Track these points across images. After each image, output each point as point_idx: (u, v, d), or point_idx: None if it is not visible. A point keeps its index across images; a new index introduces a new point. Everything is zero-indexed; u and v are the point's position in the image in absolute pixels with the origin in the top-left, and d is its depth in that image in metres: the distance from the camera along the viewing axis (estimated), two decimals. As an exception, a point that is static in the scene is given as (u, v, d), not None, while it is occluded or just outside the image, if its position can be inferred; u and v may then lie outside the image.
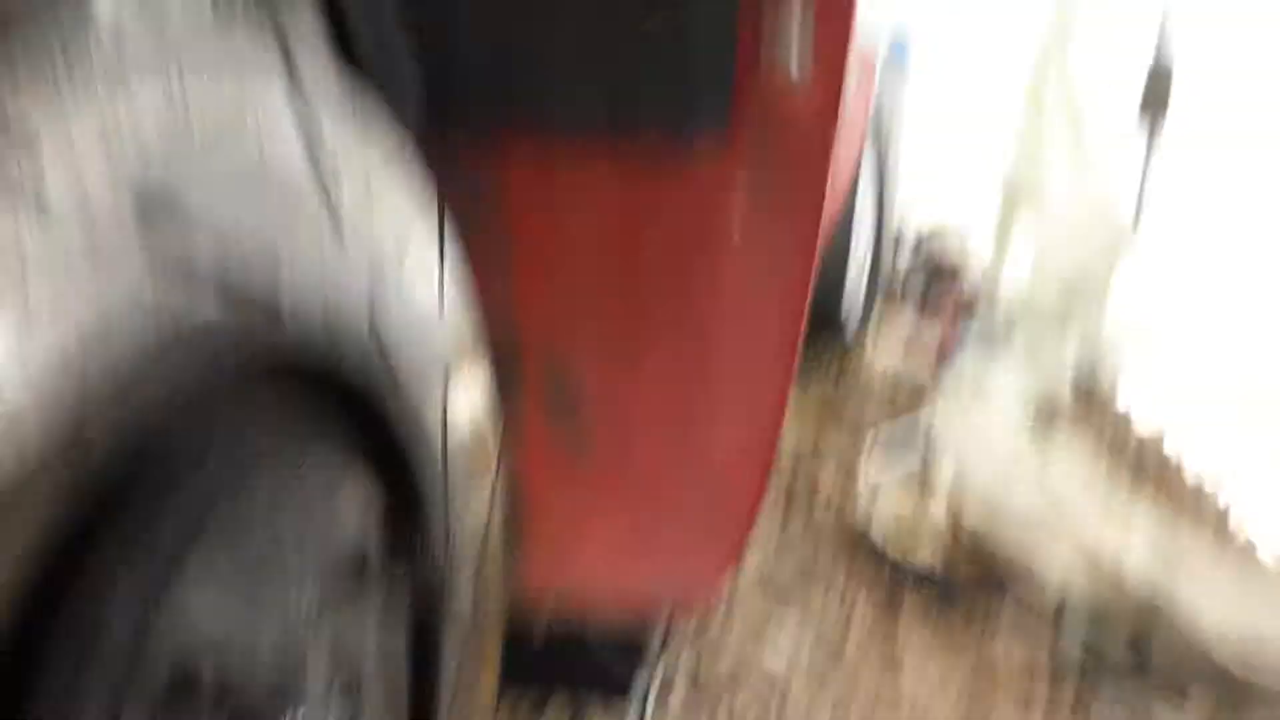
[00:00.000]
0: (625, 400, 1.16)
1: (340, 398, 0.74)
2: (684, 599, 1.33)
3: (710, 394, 1.15)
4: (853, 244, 3.74)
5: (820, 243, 1.08)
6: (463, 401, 0.94)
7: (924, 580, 2.65)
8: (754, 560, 2.58)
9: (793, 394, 1.15)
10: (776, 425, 1.14)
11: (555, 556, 1.20)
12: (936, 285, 5.07)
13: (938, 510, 2.97)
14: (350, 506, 0.77)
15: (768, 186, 1.05)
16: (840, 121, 1.02)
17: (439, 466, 0.89)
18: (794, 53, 0.98)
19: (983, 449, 3.28)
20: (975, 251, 5.18)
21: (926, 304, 4.80)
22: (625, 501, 1.20)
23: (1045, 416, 3.62)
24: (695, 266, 1.10)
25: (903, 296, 4.99)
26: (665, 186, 1.08)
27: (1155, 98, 4.47)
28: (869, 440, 3.45)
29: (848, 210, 3.51)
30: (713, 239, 1.08)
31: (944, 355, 4.19)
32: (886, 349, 4.42)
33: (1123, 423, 3.62)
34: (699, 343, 1.13)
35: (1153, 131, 4.53)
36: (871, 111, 3.59)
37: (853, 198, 3.53)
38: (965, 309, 4.59)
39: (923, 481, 3.17)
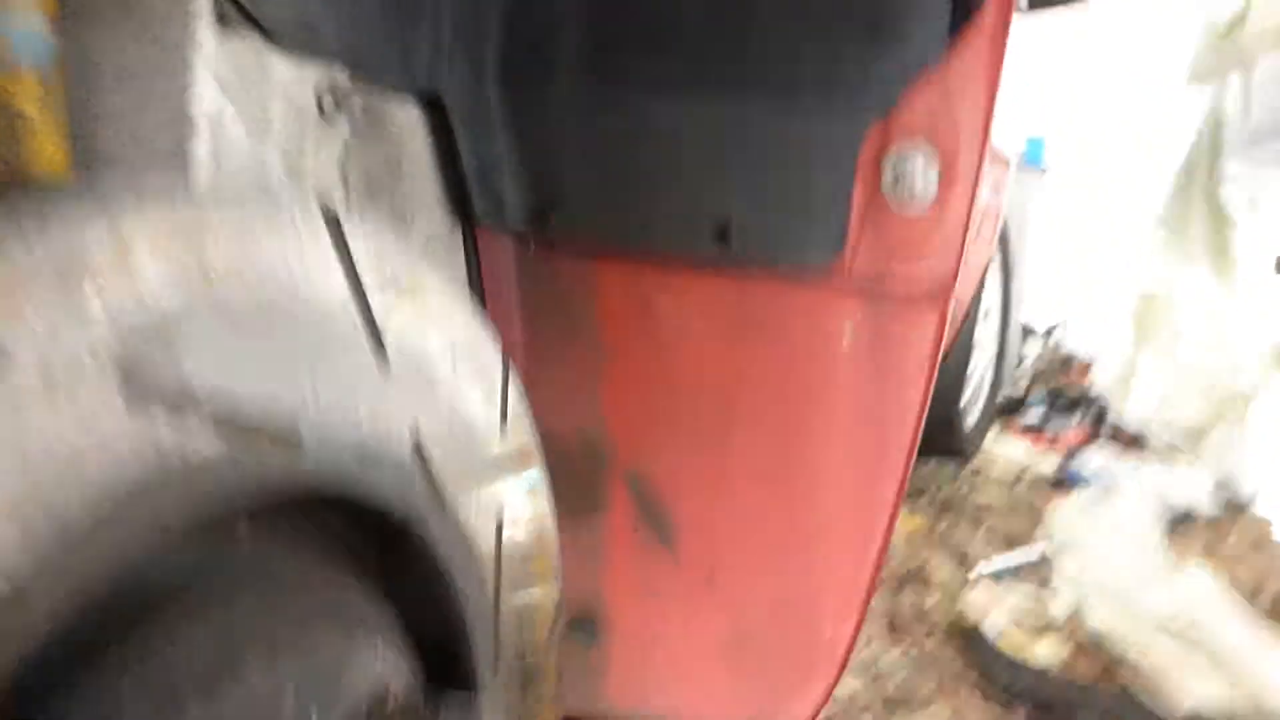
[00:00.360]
0: (714, 518, 1.11)
1: (377, 523, 0.69)
2: None
3: (807, 518, 1.09)
4: (976, 341, 3.68)
5: (936, 371, 1.01)
6: (519, 517, 0.87)
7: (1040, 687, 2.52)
8: (859, 653, 2.51)
9: (898, 517, 1.07)
10: (877, 554, 1.06)
11: (635, 670, 1.15)
12: (1064, 384, 4.95)
13: (1058, 607, 2.86)
14: (375, 640, 0.70)
15: (884, 311, 1.00)
16: (967, 244, 0.97)
17: (488, 589, 0.82)
18: (919, 177, 0.94)
19: (1112, 548, 3.16)
20: (1106, 352, 5.05)
21: (1054, 402, 4.68)
22: (710, 619, 1.13)
23: (1180, 522, 3.47)
24: (797, 387, 1.05)
25: (1029, 393, 4.87)
26: (770, 305, 1.04)
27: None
28: (986, 533, 3.36)
29: (971, 310, 3.46)
30: (818, 361, 1.03)
31: (1071, 454, 4.07)
32: (1009, 446, 4.31)
33: (1263, 533, 3.43)
34: (798, 464, 1.07)
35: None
36: (1001, 217, 3.55)
37: (977, 299, 3.48)
38: (1095, 409, 4.47)
39: (1043, 577, 3.06)
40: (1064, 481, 3.87)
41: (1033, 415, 4.61)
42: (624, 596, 1.14)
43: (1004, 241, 3.82)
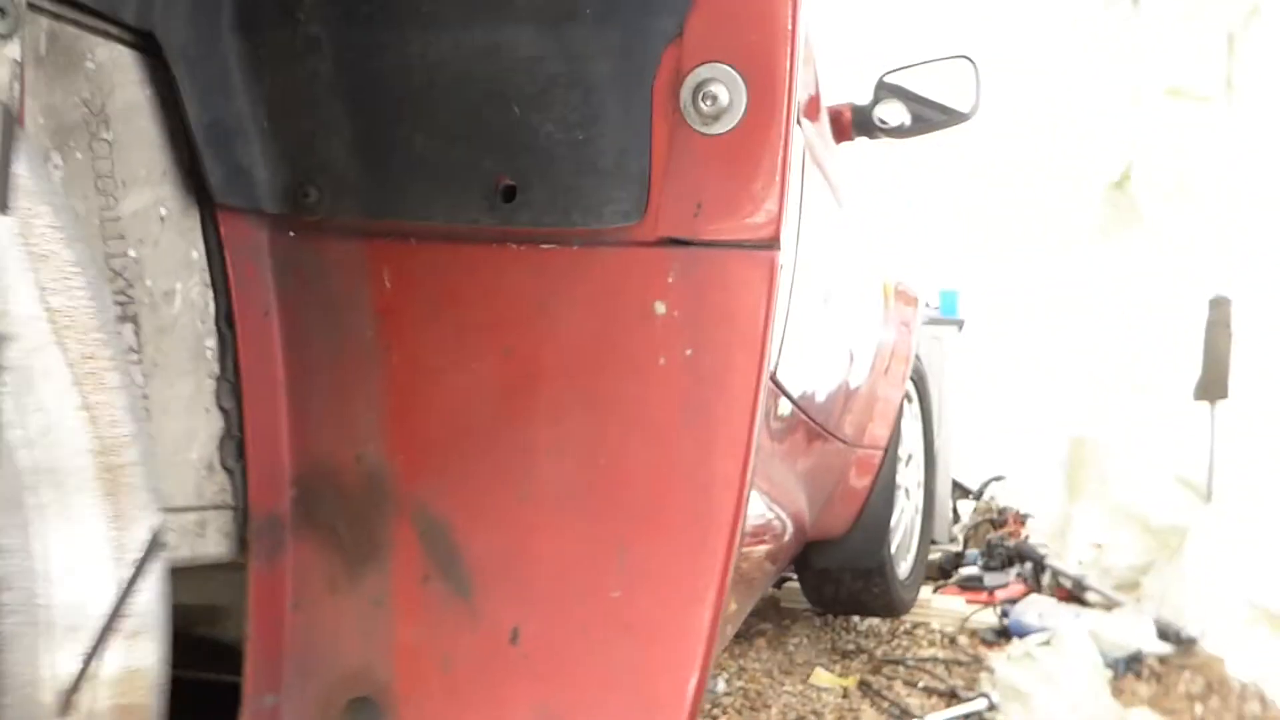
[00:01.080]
0: (516, 558, 0.91)
1: None
2: None
3: (627, 546, 0.89)
4: (899, 485, 3.55)
5: (771, 352, 0.87)
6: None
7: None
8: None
9: (733, 562, 0.87)
10: (719, 583, 0.87)
11: None
12: (1001, 537, 4.80)
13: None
14: None
15: (702, 266, 0.86)
16: (791, 171, 0.84)
17: None
18: (724, 100, 0.82)
19: (1057, 697, 2.95)
20: (1041, 504, 4.94)
21: (991, 556, 4.52)
22: (516, 691, 0.92)
23: (1127, 666, 3.27)
24: (606, 378, 0.89)
25: (964, 549, 4.72)
26: (570, 278, 0.89)
27: (1213, 378, 4.24)
28: (926, 688, 3.13)
29: (890, 451, 3.34)
30: (631, 340, 0.88)
31: (1010, 607, 3.88)
32: (947, 602, 4.12)
33: (1218, 672, 3.24)
34: (613, 476, 0.90)
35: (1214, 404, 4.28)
36: (914, 358, 3.48)
37: (895, 440, 3.37)
38: (1032, 562, 4.31)
39: (987, 729, 2.84)
40: (1005, 632, 3.68)
41: (969, 571, 4.44)
42: (415, 665, 0.91)
43: (919, 384, 3.76)
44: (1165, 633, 3.47)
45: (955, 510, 5.37)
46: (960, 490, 5.51)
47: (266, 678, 0.88)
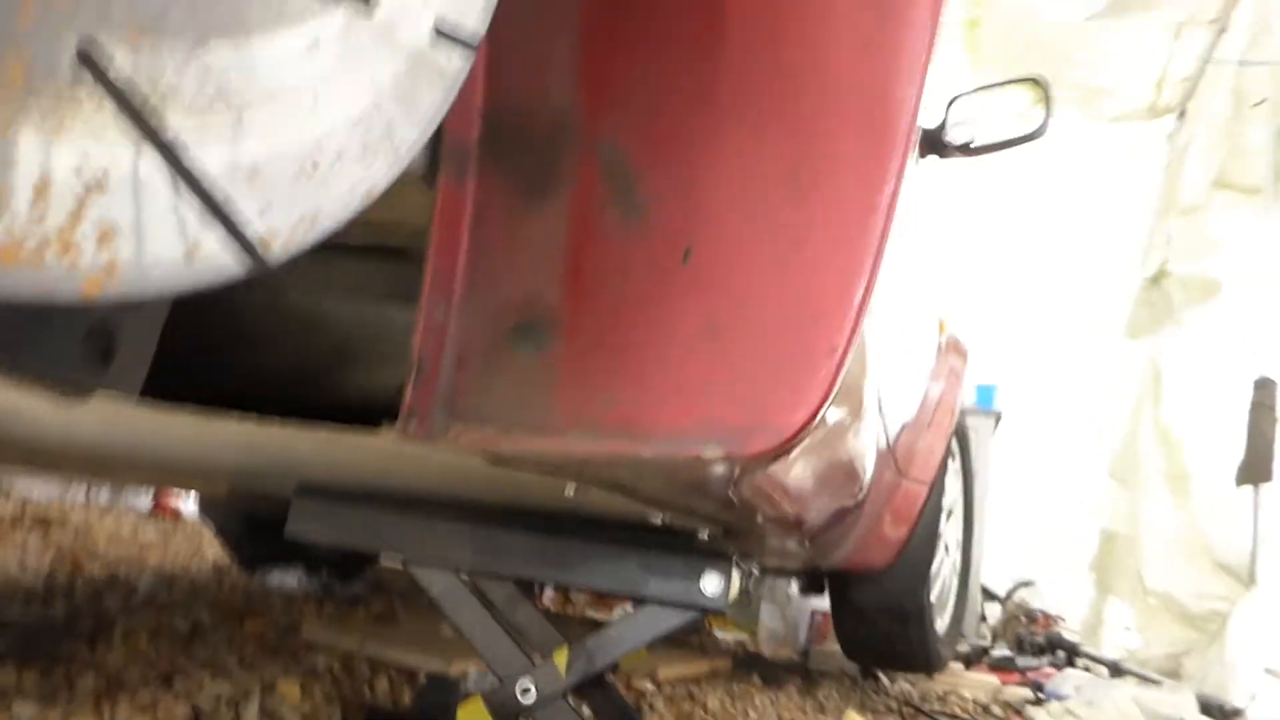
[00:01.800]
0: (694, 178, 0.92)
1: None
2: (745, 435, 0.89)
3: (802, 179, 0.90)
4: (939, 546, 3.49)
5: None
6: None
7: None
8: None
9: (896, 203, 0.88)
10: (881, 221, 0.87)
11: (593, 377, 0.92)
12: (1029, 630, 4.68)
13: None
14: None
15: None
16: None
17: None
18: None
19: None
20: (1072, 604, 4.84)
21: (1021, 646, 4.40)
22: (686, 305, 0.91)
23: (1168, 736, 3.15)
24: (793, 18, 0.91)
25: (993, 644, 4.60)
26: None
27: (1257, 461, 4.22)
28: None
29: (935, 502, 3.31)
30: None
31: (1043, 684, 3.77)
32: (977, 676, 4.00)
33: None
34: (793, 111, 0.91)
35: (1258, 488, 4.25)
36: (958, 413, 3.48)
37: (938, 492, 3.34)
38: (1065, 649, 4.19)
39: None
40: (1041, 701, 3.56)
41: (1001, 653, 4.32)
42: (585, 288, 0.92)
43: (962, 442, 3.75)
44: (1208, 707, 3.36)
45: (983, 613, 5.24)
46: (987, 595, 5.39)
47: (442, 287, 0.90)
